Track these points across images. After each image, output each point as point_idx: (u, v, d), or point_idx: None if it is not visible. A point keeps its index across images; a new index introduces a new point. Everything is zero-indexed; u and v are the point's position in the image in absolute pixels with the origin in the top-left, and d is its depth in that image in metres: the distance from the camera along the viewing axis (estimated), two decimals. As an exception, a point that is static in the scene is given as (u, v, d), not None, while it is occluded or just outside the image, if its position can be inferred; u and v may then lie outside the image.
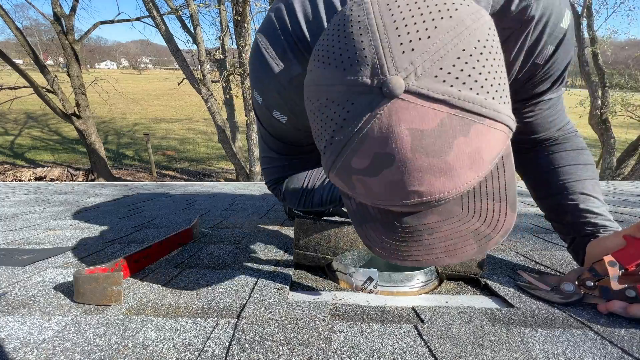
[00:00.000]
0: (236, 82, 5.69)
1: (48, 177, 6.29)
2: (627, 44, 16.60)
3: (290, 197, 0.78)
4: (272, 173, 0.80)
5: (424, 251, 0.38)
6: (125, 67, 73.54)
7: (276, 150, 0.73)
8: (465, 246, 0.37)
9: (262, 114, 0.65)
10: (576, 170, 0.63)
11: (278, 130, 0.66)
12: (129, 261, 0.59)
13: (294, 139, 0.68)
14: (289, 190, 0.77)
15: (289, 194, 0.78)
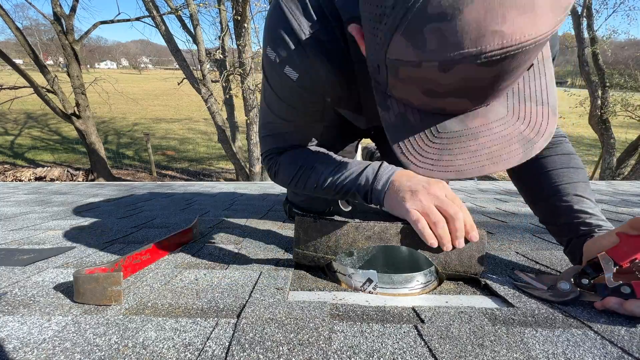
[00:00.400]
0: (236, 82, 5.68)
1: (48, 177, 6.29)
2: (627, 44, 16.60)
3: (283, 173, 0.74)
4: (271, 142, 0.76)
5: (468, 159, 0.37)
6: (125, 67, 73.51)
7: (280, 114, 0.70)
8: (511, 151, 0.37)
9: (272, 71, 0.64)
10: (568, 173, 0.64)
11: (286, 90, 0.65)
12: (129, 261, 0.59)
13: (301, 102, 0.67)
14: (285, 164, 0.74)
15: (284, 168, 0.74)
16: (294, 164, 0.73)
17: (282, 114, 0.70)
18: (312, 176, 0.70)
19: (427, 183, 0.57)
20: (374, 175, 0.64)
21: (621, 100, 7.08)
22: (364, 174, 0.65)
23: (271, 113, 0.71)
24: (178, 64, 5.08)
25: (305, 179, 0.71)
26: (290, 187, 0.76)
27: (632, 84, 7.63)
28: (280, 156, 0.75)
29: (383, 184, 0.63)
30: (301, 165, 0.72)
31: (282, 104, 0.68)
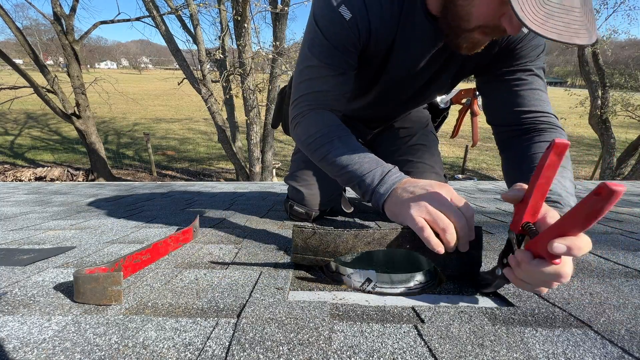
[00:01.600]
0: (236, 82, 5.69)
1: (48, 177, 6.29)
2: (627, 43, 16.61)
3: (303, 130, 0.77)
4: (305, 87, 0.77)
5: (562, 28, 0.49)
6: (125, 67, 73.45)
7: (321, 56, 0.73)
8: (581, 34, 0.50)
9: (325, 9, 0.69)
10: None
11: (336, 29, 0.69)
12: (129, 261, 0.59)
13: (346, 44, 0.72)
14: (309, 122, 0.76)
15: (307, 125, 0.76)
16: (317, 127, 0.75)
17: (323, 56, 0.72)
18: (326, 147, 0.73)
19: (431, 187, 0.57)
20: (380, 178, 0.65)
21: (621, 100, 7.09)
22: (372, 172, 0.66)
23: (312, 57, 0.74)
24: (178, 64, 5.08)
25: (318, 146, 0.74)
26: (303, 145, 0.78)
27: (632, 83, 7.63)
28: (310, 112, 0.77)
29: (386, 188, 0.63)
30: (323, 132, 0.74)
31: (326, 45, 0.71)
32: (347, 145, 0.72)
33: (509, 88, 0.78)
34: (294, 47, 6.02)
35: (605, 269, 0.64)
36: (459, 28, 0.64)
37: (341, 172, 0.71)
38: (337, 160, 0.71)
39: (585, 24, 0.51)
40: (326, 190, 1.05)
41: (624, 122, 8.06)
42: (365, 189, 0.67)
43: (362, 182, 0.67)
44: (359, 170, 0.68)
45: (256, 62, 5.10)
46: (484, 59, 0.79)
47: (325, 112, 0.77)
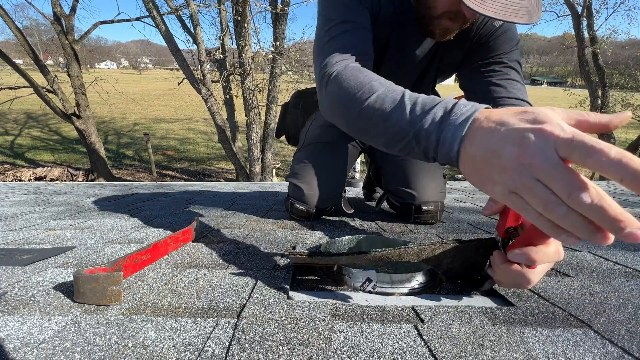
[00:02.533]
0: (236, 82, 5.68)
1: (48, 177, 6.29)
2: (627, 43, 16.60)
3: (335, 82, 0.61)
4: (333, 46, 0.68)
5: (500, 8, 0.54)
6: (125, 67, 73.47)
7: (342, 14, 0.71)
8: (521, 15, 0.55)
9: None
10: None
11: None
12: (129, 261, 0.59)
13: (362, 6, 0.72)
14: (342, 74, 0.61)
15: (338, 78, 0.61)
16: (352, 74, 0.60)
17: (342, 14, 0.72)
18: (365, 92, 0.55)
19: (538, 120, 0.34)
20: (446, 111, 0.43)
21: (621, 100, 7.09)
22: (431, 112, 0.45)
23: (331, 19, 0.72)
24: (178, 64, 5.08)
25: (355, 93, 0.56)
26: (336, 101, 0.61)
27: (632, 83, 7.63)
28: (341, 64, 0.65)
29: (456, 130, 0.41)
30: (360, 79, 0.58)
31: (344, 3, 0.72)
32: (390, 86, 0.54)
33: (485, 79, 0.82)
34: (294, 47, 6.02)
35: (605, 269, 0.64)
36: (429, 15, 0.72)
37: (389, 120, 0.50)
38: (381, 105, 0.51)
39: (527, 6, 0.56)
40: (327, 188, 1.05)
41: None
42: (425, 135, 0.45)
43: (419, 127, 0.45)
44: (411, 112, 0.47)
45: (256, 62, 5.10)
46: (458, 53, 0.87)
47: (357, 64, 0.65)
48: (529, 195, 0.33)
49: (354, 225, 1.03)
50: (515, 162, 0.33)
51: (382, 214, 1.20)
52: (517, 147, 0.33)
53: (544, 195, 0.32)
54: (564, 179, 0.30)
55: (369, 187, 1.52)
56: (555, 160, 0.31)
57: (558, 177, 0.30)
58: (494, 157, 0.36)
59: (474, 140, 0.39)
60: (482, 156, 0.37)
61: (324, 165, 1.07)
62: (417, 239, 0.88)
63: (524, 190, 0.33)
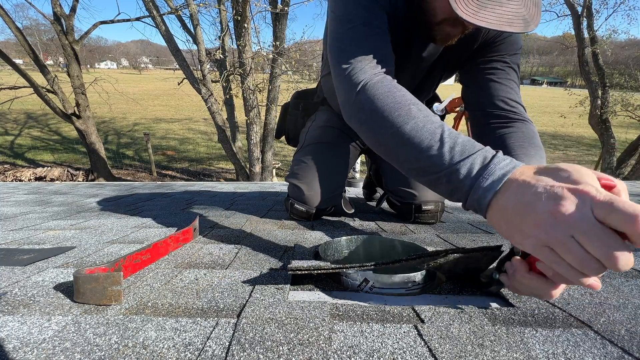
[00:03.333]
0: (236, 82, 5.68)
1: (48, 177, 6.29)
2: (627, 43, 16.61)
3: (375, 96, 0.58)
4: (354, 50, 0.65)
5: (494, 18, 0.54)
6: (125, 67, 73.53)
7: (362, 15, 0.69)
8: (516, 24, 0.55)
9: None
10: (524, 148, 0.72)
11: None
12: (129, 261, 0.59)
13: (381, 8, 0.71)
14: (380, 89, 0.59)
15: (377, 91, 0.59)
16: (389, 90, 0.59)
17: (362, 15, 0.69)
18: (401, 116, 0.54)
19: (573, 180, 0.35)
20: (482, 164, 0.44)
21: (621, 100, 7.09)
22: (470, 159, 0.45)
23: (350, 19, 0.69)
24: (178, 64, 5.08)
25: (390, 113, 0.55)
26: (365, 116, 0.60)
27: (632, 83, 7.63)
28: (378, 75, 0.63)
29: (493, 181, 0.42)
30: (397, 98, 0.57)
31: (363, 4, 0.69)
32: (427, 115, 0.54)
33: (486, 75, 0.83)
34: (294, 47, 6.02)
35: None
36: (430, 22, 0.72)
37: (421, 155, 0.50)
38: (417, 134, 0.51)
39: (524, 14, 0.56)
40: (327, 188, 1.05)
41: (624, 122, 8.06)
42: (456, 183, 0.46)
43: (452, 173, 0.46)
44: (448, 153, 0.47)
45: (256, 62, 5.10)
46: (466, 52, 0.87)
47: (389, 77, 0.64)
48: (563, 250, 0.34)
49: (354, 225, 1.03)
50: (551, 218, 0.34)
51: (382, 214, 1.20)
52: (553, 203, 0.34)
53: (578, 252, 0.33)
54: (601, 240, 0.31)
55: (369, 187, 1.52)
56: (592, 220, 0.32)
57: (594, 237, 0.31)
58: (527, 210, 0.37)
59: (507, 193, 0.40)
60: (514, 208, 0.38)
61: (324, 165, 1.07)
62: (417, 239, 0.88)
63: (558, 245, 0.34)
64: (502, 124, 0.79)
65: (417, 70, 0.93)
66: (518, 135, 0.75)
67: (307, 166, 1.07)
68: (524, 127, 0.76)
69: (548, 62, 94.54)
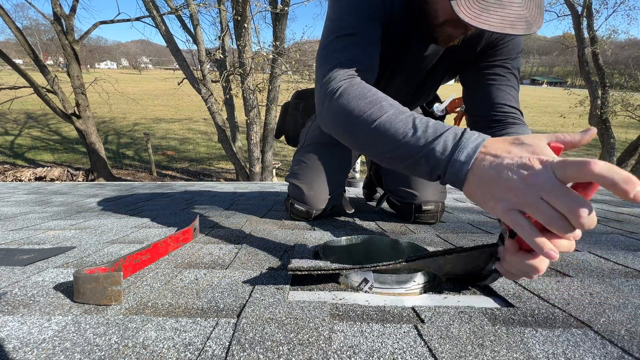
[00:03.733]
0: (236, 82, 5.68)
1: (48, 177, 6.29)
2: (627, 44, 16.62)
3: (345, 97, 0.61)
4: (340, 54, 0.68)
5: (496, 21, 0.54)
6: (125, 67, 73.56)
7: (353, 24, 0.70)
8: (518, 26, 0.55)
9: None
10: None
11: (362, 4, 0.70)
12: (129, 261, 0.59)
13: (375, 17, 0.72)
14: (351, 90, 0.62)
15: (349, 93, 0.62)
16: (361, 92, 0.61)
17: (352, 24, 0.70)
18: (375, 112, 0.57)
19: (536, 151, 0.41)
20: (455, 141, 0.48)
21: (621, 100, 7.08)
22: (442, 137, 0.49)
23: (340, 27, 0.70)
24: (178, 64, 5.08)
25: (364, 112, 0.58)
26: (343, 117, 0.62)
27: (632, 83, 7.63)
28: (350, 80, 0.65)
29: (468, 154, 0.45)
30: (369, 97, 0.60)
31: (356, 12, 0.71)
32: (399, 108, 0.57)
33: (487, 81, 0.86)
34: (294, 47, 6.02)
35: (605, 269, 0.64)
36: (432, 23, 0.72)
37: (398, 142, 0.53)
38: (392, 125, 0.54)
39: (526, 16, 0.55)
40: (327, 188, 1.05)
41: (624, 122, 8.05)
42: (434, 161, 0.49)
43: (429, 152, 0.49)
44: (422, 136, 0.50)
45: (256, 62, 5.10)
46: (469, 55, 0.87)
47: (364, 82, 0.66)
48: (534, 211, 0.38)
49: (354, 225, 1.03)
50: (522, 183, 0.39)
51: (382, 214, 1.20)
52: (523, 171, 0.39)
53: (547, 210, 0.37)
54: (565, 196, 0.36)
55: (369, 187, 1.52)
56: (554, 181, 0.37)
57: (559, 194, 0.36)
58: (501, 178, 0.41)
59: (481, 164, 0.44)
60: (490, 177, 0.42)
61: (323, 165, 1.07)
62: (417, 239, 0.88)
63: (529, 206, 0.38)
64: (500, 127, 0.83)
65: (417, 70, 0.93)
66: (514, 134, 0.80)
67: (307, 166, 1.07)
68: (520, 129, 0.81)
69: (548, 62, 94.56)
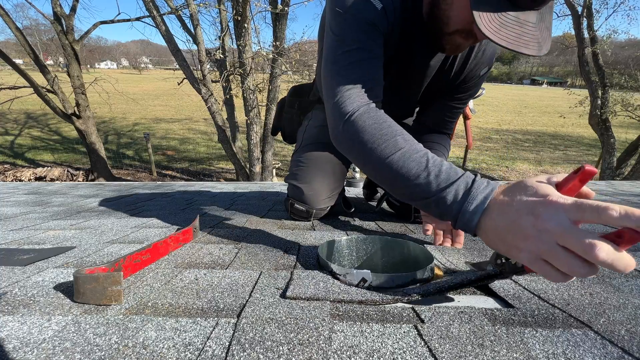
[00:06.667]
0: (236, 82, 5.68)
1: (48, 177, 6.29)
2: (627, 44, 16.62)
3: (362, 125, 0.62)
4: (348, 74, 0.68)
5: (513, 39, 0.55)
6: (125, 67, 73.57)
7: (358, 40, 0.71)
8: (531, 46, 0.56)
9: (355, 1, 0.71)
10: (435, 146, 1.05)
11: (369, 16, 0.71)
12: (129, 261, 0.59)
13: (378, 32, 0.73)
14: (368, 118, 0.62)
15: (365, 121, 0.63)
16: (376, 124, 0.62)
17: (358, 39, 0.71)
18: (389, 148, 0.58)
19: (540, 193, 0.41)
20: (465, 189, 0.49)
21: (621, 100, 7.08)
22: (454, 185, 0.50)
23: (345, 42, 0.71)
24: (178, 64, 5.08)
25: (378, 145, 0.60)
26: (354, 146, 0.64)
27: (632, 83, 7.62)
28: (365, 107, 0.66)
29: (477, 206, 0.47)
30: (384, 130, 0.61)
31: (361, 28, 0.71)
32: (412, 145, 0.58)
33: (446, 111, 1.05)
34: (294, 47, 6.02)
35: (605, 269, 0.64)
36: (441, 31, 0.72)
37: (409, 182, 0.55)
38: (405, 164, 0.56)
39: (538, 38, 0.57)
40: (327, 187, 1.05)
41: (624, 122, 8.05)
42: (445, 207, 0.51)
43: (439, 199, 0.51)
44: (434, 181, 0.52)
45: (256, 62, 5.10)
46: (450, 84, 0.97)
47: (376, 108, 0.67)
48: (553, 258, 0.37)
49: (354, 225, 1.03)
50: (534, 230, 0.39)
51: (382, 214, 1.20)
52: (531, 217, 0.39)
53: (566, 257, 0.36)
54: (581, 238, 0.35)
55: (369, 187, 1.52)
56: (567, 223, 0.36)
57: (574, 237, 0.35)
58: (514, 227, 0.41)
59: (492, 214, 0.45)
60: (505, 227, 0.43)
61: (322, 165, 1.07)
62: (417, 239, 0.88)
63: (548, 255, 0.38)
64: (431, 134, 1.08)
65: (419, 77, 0.94)
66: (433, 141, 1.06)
67: (306, 166, 1.07)
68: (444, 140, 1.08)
69: (548, 62, 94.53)
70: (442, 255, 0.73)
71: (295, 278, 0.60)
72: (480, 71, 0.94)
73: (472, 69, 0.93)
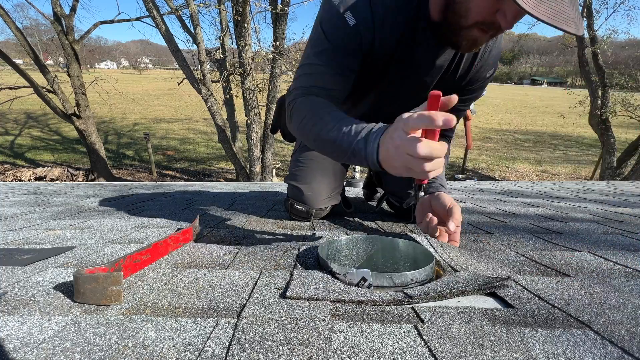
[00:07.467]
0: (236, 82, 5.68)
1: (48, 177, 6.29)
2: (627, 44, 16.61)
3: (297, 113, 0.76)
4: (303, 80, 0.80)
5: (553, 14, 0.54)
6: (125, 67, 73.51)
7: (323, 57, 0.76)
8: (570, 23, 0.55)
9: (329, 12, 0.74)
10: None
11: (339, 36, 0.74)
12: (129, 261, 0.59)
13: (349, 50, 0.75)
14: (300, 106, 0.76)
15: (298, 108, 0.76)
16: (306, 107, 0.75)
17: (324, 58, 0.76)
18: (318, 125, 0.71)
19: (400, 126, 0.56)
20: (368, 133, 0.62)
21: (621, 100, 7.08)
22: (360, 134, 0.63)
23: (314, 57, 0.78)
24: (178, 64, 5.08)
25: (310, 125, 0.72)
26: (297, 130, 0.77)
27: (632, 83, 7.62)
28: (302, 97, 0.78)
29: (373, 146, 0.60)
30: (313, 111, 0.73)
31: (329, 48, 0.75)
32: (337, 118, 0.69)
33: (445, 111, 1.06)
34: (294, 47, 6.02)
35: (605, 269, 0.64)
36: (458, 25, 0.69)
37: (336, 147, 0.67)
38: (330, 134, 0.67)
39: (573, 16, 0.56)
40: (326, 187, 1.05)
41: (624, 122, 8.05)
42: (358, 149, 0.63)
43: (356, 145, 0.63)
44: (347, 136, 0.65)
45: (256, 62, 5.10)
46: (455, 86, 0.94)
47: (317, 97, 0.77)
48: (407, 162, 0.53)
49: (354, 225, 1.03)
50: (395, 150, 0.55)
51: (382, 214, 1.20)
52: (391, 141, 0.55)
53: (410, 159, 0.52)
54: (408, 141, 0.52)
55: (369, 187, 1.52)
56: (404, 136, 0.53)
57: (405, 144, 0.52)
58: (391, 152, 0.56)
59: (384, 146, 0.58)
60: (390, 155, 0.57)
61: (322, 165, 1.07)
62: (417, 239, 0.88)
63: (407, 163, 0.53)
64: None
65: (428, 77, 0.91)
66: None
67: (306, 167, 1.07)
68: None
69: (548, 62, 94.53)
70: (443, 251, 0.73)
71: (295, 278, 0.59)
72: (486, 73, 0.92)
73: (478, 69, 0.90)
